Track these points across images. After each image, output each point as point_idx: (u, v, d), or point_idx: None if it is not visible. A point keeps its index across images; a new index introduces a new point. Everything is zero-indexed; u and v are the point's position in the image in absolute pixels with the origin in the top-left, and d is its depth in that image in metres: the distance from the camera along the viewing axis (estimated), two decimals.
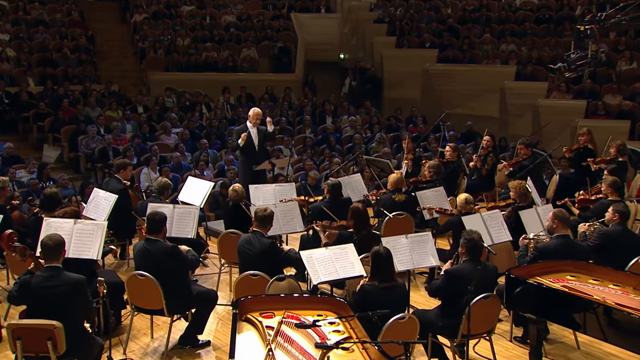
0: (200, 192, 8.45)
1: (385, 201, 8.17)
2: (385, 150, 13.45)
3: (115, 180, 8.34)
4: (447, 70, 17.05)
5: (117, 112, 14.85)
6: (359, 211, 6.75)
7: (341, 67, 19.15)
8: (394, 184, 8.31)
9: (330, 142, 14.13)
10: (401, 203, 8.15)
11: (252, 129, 9.70)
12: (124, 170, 8.41)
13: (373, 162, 10.60)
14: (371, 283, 5.44)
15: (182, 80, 16.65)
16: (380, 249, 5.54)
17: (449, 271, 5.70)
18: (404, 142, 10.37)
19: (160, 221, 6.08)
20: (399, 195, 8.24)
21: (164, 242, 6.06)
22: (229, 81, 16.69)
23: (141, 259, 6.06)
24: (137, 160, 12.57)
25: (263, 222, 6.40)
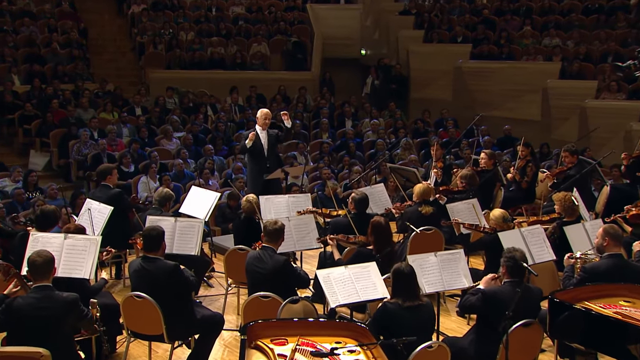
0: (205, 203, 8.49)
1: (411, 214, 8.15)
2: (412, 158, 13.44)
3: (103, 188, 8.39)
4: (482, 67, 17.02)
5: (112, 114, 14.97)
6: (381, 226, 6.72)
7: (362, 64, 19.18)
8: (420, 195, 8.29)
9: (350, 148, 14.15)
10: (429, 216, 8.13)
11: (262, 133, 9.72)
12: (110, 175, 8.47)
13: (398, 170, 10.61)
14: (394, 301, 5.45)
15: (185, 79, 16.76)
16: (401, 265, 5.56)
17: (485, 292, 5.68)
18: (433, 149, 10.36)
19: (158, 237, 6.11)
20: (426, 208, 8.22)
21: (164, 260, 6.10)
22: (237, 80, 16.78)
23: (138, 279, 6.09)
24: (135, 167, 12.66)
25: (274, 237, 6.41)
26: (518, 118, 15.98)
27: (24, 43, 16.71)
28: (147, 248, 6.10)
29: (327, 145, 14.20)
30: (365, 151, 14.62)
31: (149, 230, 6.17)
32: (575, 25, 17.79)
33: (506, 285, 5.68)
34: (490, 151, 10.48)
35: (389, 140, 14.81)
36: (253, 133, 9.78)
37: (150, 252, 6.08)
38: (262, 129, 9.75)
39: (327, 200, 10.89)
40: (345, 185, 12.31)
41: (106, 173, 8.49)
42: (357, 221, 7.54)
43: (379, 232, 6.72)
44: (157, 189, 9.26)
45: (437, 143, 10.49)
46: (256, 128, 9.85)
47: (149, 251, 6.09)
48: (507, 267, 5.70)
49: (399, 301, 5.42)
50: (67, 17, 17.97)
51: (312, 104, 17.01)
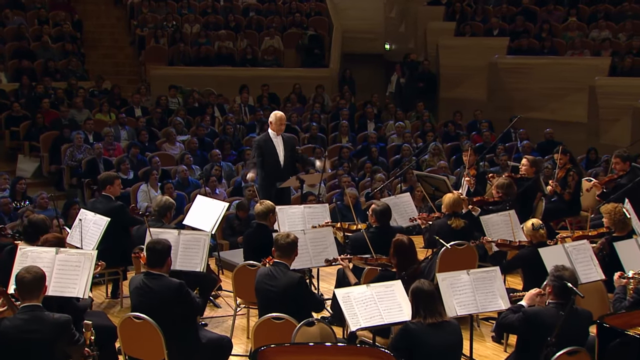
0: (212, 214, 8.51)
1: (439, 228, 8.11)
2: (441, 164, 13.41)
3: (104, 199, 8.45)
4: (521, 64, 16.95)
5: (109, 116, 15.05)
6: (404, 246, 6.62)
7: (387, 60, 19.17)
8: (450, 207, 8.24)
9: (373, 154, 14.15)
10: (460, 231, 8.10)
11: (276, 138, 9.70)
12: (110, 185, 8.51)
13: (426, 178, 10.57)
14: (416, 321, 5.45)
15: (190, 77, 16.84)
16: (420, 283, 5.55)
17: (528, 311, 5.65)
18: (465, 155, 10.32)
19: (163, 252, 6.13)
20: (457, 221, 8.16)
21: (169, 278, 6.12)
22: (247, 78, 16.83)
23: (139, 297, 6.10)
24: (134, 174, 12.72)
25: (286, 251, 6.41)
26: (561, 120, 15.90)
27: (12, 36, 16.84)
28: (150, 263, 6.12)
29: (347, 150, 14.20)
30: (389, 157, 14.60)
31: (154, 244, 6.19)
32: (627, 15, 17.68)
33: (550, 306, 5.64)
34: (532, 157, 10.39)
35: (416, 145, 14.78)
36: (252, 174, 9.87)
37: (154, 268, 6.10)
38: (276, 134, 9.68)
39: (347, 211, 10.88)
40: (367, 194, 12.29)
41: (107, 182, 8.54)
42: (378, 236, 7.50)
43: (402, 252, 6.61)
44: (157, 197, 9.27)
45: (470, 148, 10.45)
46: (269, 133, 9.76)
47: (152, 267, 6.11)
48: (553, 287, 5.66)
49: (421, 319, 5.42)
50: (60, 8, 18.11)
51: (331, 105, 17.02)
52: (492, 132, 15.17)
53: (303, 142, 14.74)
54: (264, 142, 9.72)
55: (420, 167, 13.69)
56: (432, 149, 14.10)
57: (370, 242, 7.21)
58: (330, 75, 17.76)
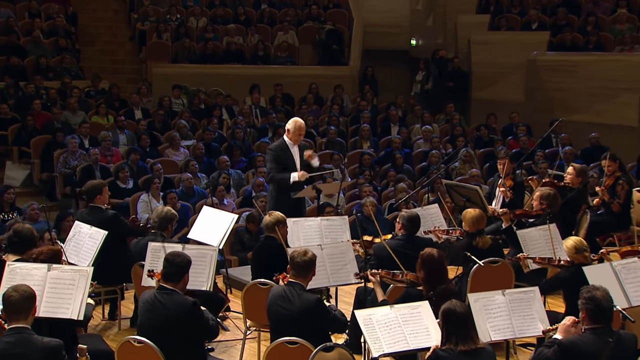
0: (219, 227, 8.51)
1: (464, 248, 7.99)
2: (473, 172, 13.37)
3: (93, 210, 8.45)
4: (563, 61, 16.89)
5: (106, 118, 15.12)
6: (433, 260, 6.59)
7: (413, 57, 19.17)
8: (472, 224, 8.13)
9: (397, 161, 14.13)
10: (488, 250, 8.00)
11: (293, 147, 9.65)
12: (99, 195, 8.49)
13: (456, 188, 10.50)
14: (446, 347, 5.42)
15: (196, 75, 16.91)
16: (452, 303, 5.52)
17: (563, 343, 5.60)
18: (501, 162, 10.26)
19: (183, 266, 6.17)
20: (483, 239, 8.06)
21: (183, 295, 6.13)
22: (258, 77, 16.88)
23: (148, 313, 6.12)
24: (134, 183, 12.76)
25: (303, 271, 6.39)
26: (609, 123, 15.81)
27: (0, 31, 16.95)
28: (166, 276, 6.16)
29: (368, 157, 14.19)
30: (415, 164, 14.58)
31: (174, 256, 6.23)
32: None
33: (588, 333, 5.59)
34: (580, 165, 10.27)
35: (445, 151, 14.75)
36: (304, 176, 9.34)
37: (169, 283, 6.13)
38: (293, 143, 9.63)
39: (369, 223, 10.86)
40: (391, 205, 12.28)
41: (95, 192, 8.50)
42: (403, 247, 7.49)
43: (431, 267, 6.56)
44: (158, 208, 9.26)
45: (505, 154, 10.36)
46: (285, 140, 9.67)
47: (167, 281, 6.14)
48: (587, 311, 5.61)
49: (452, 346, 5.39)
50: (53, 0, 18.20)
51: (351, 106, 17.02)
52: (530, 137, 15.11)
53: (320, 147, 14.75)
54: (281, 150, 9.57)
55: (449, 175, 13.65)
56: (463, 155, 14.06)
57: (394, 253, 7.20)
58: (350, 74, 17.78)
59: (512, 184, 9.96)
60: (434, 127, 15.90)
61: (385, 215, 12.02)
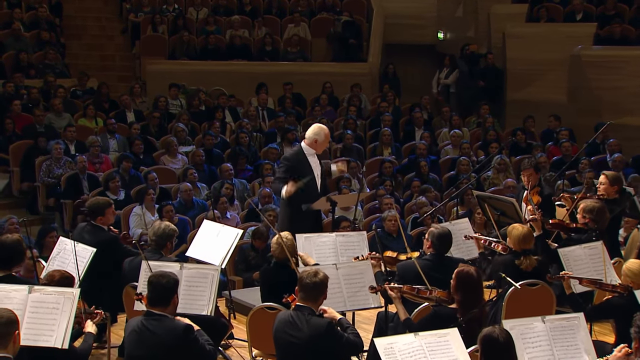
0: (222, 244, 8.50)
1: (504, 267, 7.99)
2: (509, 183, 13.33)
3: (94, 229, 8.50)
4: (612, 56, 16.85)
5: (95, 121, 15.15)
6: (471, 279, 6.60)
7: (439, 53, 19.16)
8: (518, 243, 8.08)
9: (422, 169, 14.11)
10: (531, 273, 7.97)
11: (312, 157, 9.61)
12: (101, 216, 8.56)
13: (489, 200, 10.47)
14: None
15: (195, 73, 16.95)
16: (494, 330, 5.50)
17: None
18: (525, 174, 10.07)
19: (169, 288, 6.19)
20: (528, 260, 7.99)
21: (174, 319, 6.14)
22: (266, 74, 16.90)
23: (136, 343, 6.12)
24: (126, 194, 12.76)
25: (312, 294, 6.40)
26: None
27: None
28: (153, 301, 6.17)
29: (389, 165, 14.16)
30: (442, 173, 14.56)
31: (158, 277, 6.24)
32: None
33: None
34: (612, 173, 10.14)
35: (477, 159, 14.72)
36: (294, 185, 9.18)
37: (157, 307, 6.14)
38: (315, 152, 9.57)
39: (390, 240, 10.86)
40: (415, 220, 12.26)
41: (98, 212, 8.58)
42: (432, 268, 7.46)
43: (469, 287, 6.58)
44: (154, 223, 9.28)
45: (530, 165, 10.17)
46: (302, 149, 9.66)
47: (154, 305, 6.15)
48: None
49: None
50: None
51: (370, 108, 17.01)
52: (573, 143, 15.05)
53: (335, 154, 14.74)
54: (298, 161, 9.52)
55: (481, 186, 13.63)
56: (497, 163, 14.03)
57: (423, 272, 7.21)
58: (369, 72, 17.78)
59: (539, 200, 9.79)
60: (464, 132, 15.86)
61: (409, 231, 12.00)
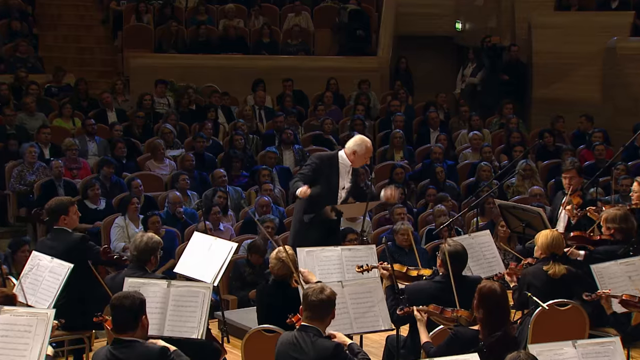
0: (214, 259, 8.49)
1: (533, 277, 8.04)
2: (535, 190, 13.32)
3: (58, 234, 8.46)
4: None
5: (72, 122, 15.17)
6: (495, 295, 6.58)
7: (457, 45, 19.17)
8: (546, 248, 8.13)
9: (438, 176, 14.10)
10: (560, 280, 8.02)
11: (345, 168, 9.58)
12: (64, 215, 8.51)
13: (513, 210, 10.48)
14: None
15: (185, 68, 16.99)
16: (519, 356, 5.51)
17: None
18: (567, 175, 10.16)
19: (134, 309, 6.14)
20: (556, 266, 8.04)
21: (146, 344, 6.12)
22: (263, 70, 16.94)
23: None
24: (107, 203, 12.77)
25: (319, 312, 6.38)
26: None
27: None
28: (118, 327, 6.14)
29: (401, 171, 14.15)
30: (461, 180, 14.57)
31: (121, 299, 6.20)
32: None
33: None
34: None
35: (499, 164, 14.71)
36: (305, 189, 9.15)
37: (124, 334, 6.11)
38: (351, 164, 9.57)
39: (401, 254, 10.84)
40: (430, 232, 12.24)
41: (59, 211, 8.52)
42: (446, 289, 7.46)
43: (493, 304, 6.56)
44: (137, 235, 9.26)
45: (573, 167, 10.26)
46: (339, 156, 9.59)
47: (121, 332, 6.12)
48: None
49: None
50: None
51: (379, 107, 17.02)
52: (608, 146, 15.05)
53: None
54: (329, 166, 9.56)
55: (505, 194, 13.62)
56: (522, 169, 14.01)
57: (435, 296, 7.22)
58: (379, 67, 17.80)
59: (580, 202, 9.85)
60: (485, 134, 15.85)
61: (423, 245, 11.98)
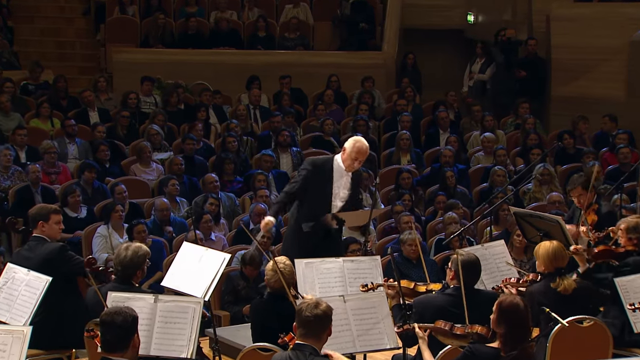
0: (205, 272, 8.49)
1: (539, 295, 8.02)
2: (554, 197, 13.30)
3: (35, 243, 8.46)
4: None
5: (50, 122, 15.18)
6: (517, 310, 6.57)
7: (469, 39, 19.19)
8: (549, 261, 8.12)
9: (448, 181, 14.09)
10: (572, 297, 8.01)
11: (341, 174, 9.57)
12: (44, 222, 8.50)
13: (529, 219, 10.46)
14: None
15: (173, 64, 17.02)
16: None
17: None
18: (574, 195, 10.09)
19: (127, 328, 6.14)
20: (565, 281, 8.03)
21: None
22: (259, 66, 16.97)
23: None
24: (88, 211, 12.78)
25: (314, 329, 6.35)
26: None
27: None
28: (107, 346, 6.13)
29: (408, 176, 14.15)
30: (472, 186, 14.58)
31: (112, 315, 6.19)
32: None
33: None
34: None
35: (514, 168, 14.71)
36: (271, 220, 9.43)
37: (114, 353, 6.11)
38: (346, 169, 9.58)
39: (409, 266, 10.83)
40: (439, 242, 12.23)
41: (39, 218, 8.53)
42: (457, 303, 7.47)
43: (516, 320, 6.55)
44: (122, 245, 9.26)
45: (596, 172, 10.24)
46: (334, 161, 9.57)
47: (110, 351, 6.12)
48: None
49: None
50: None
51: (384, 107, 17.02)
52: (633, 149, 15.06)
53: None
54: (321, 171, 9.55)
55: (521, 201, 13.63)
56: (540, 173, 14.01)
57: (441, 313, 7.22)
58: (384, 63, 17.83)
59: (595, 220, 9.77)
60: (499, 135, 15.86)
61: (432, 256, 11.97)
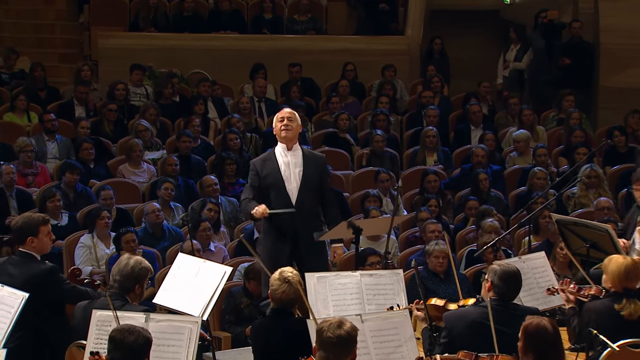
0: (202, 287, 8.54)
1: (598, 314, 8.03)
2: (602, 203, 13.30)
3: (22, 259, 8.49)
4: None
5: (27, 117, 15.27)
6: (544, 332, 6.62)
7: (505, 21, 19.21)
8: (619, 280, 8.12)
9: (480, 184, 14.09)
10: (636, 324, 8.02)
11: (285, 156, 9.66)
12: (33, 237, 8.51)
13: (574, 228, 10.49)
14: None
15: (167, 50, 17.09)
16: None
17: None
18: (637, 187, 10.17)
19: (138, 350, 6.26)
20: (633, 305, 8.05)
21: None
22: (264, 53, 17.03)
23: None
24: (70, 218, 12.81)
25: (336, 352, 6.41)
26: None
27: None
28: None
29: (435, 178, 14.16)
30: (509, 189, 14.58)
31: (124, 333, 6.28)
32: None
33: None
34: None
35: (557, 170, 14.71)
36: (261, 209, 9.50)
37: None
38: (285, 147, 9.67)
39: (435, 281, 10.84)
40: (470, 254, 12.23)
41: (27, 233, 8.53)
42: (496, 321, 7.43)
43: (544, 346, 6.59)
44: (114, 257, 9.31)
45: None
46: (277, 151, 9.75)
47: None
48: None
49: None
50: None
51: (408, 99, 17.04)
52: None
53: (359, 162, 14.74)
54: (261, 163, 9.80)
55: (564, 207, 13.63)
56: (586, 176, 14.00)
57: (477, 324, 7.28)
58: (408, 49, 17.88)
59: None
60: (539, 132, 15.87)
61: (462, 270, 11.97)
